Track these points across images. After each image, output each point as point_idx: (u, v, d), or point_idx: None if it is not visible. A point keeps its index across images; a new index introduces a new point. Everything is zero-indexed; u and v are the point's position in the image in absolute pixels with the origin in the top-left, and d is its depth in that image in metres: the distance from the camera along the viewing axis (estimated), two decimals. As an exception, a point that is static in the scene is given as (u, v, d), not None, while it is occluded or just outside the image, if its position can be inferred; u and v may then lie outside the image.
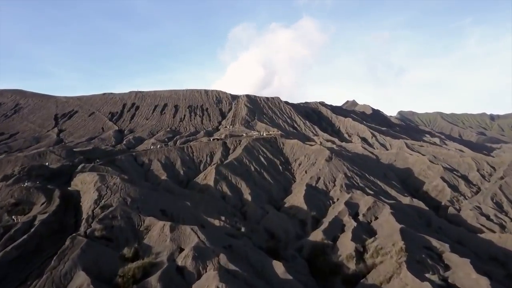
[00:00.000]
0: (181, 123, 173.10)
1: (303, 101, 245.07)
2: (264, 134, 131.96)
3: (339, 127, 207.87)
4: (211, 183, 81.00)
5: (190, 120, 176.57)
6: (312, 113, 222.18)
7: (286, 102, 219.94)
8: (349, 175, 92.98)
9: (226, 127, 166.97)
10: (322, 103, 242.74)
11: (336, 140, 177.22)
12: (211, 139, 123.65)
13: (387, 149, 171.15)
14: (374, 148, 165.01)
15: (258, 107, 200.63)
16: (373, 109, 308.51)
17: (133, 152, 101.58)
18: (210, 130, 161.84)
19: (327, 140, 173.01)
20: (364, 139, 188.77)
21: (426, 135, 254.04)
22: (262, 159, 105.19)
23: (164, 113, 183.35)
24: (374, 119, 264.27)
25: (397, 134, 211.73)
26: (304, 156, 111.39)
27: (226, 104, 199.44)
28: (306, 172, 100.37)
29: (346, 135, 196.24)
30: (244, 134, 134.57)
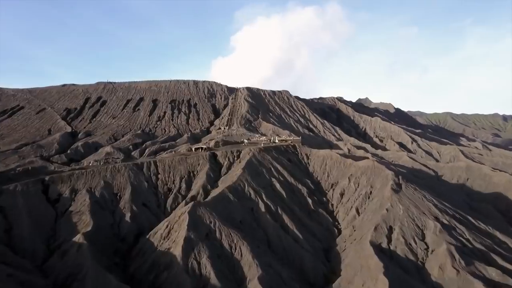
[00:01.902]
0: (159, 123, 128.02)
1: (314, 97, 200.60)
2: (277, 141, 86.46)
3: (365, 129, 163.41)
4: (178, 252, 37.06)
5: (172, 119, 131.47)
6: (329, 111, 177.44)
7: (297, 97, 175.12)
8: (445, 220, 48.60)
9: (220, 128, 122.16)
10: (341, 99, 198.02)
11: (367, 146, 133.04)
12: (193, 149, 78.50)
13: (435, 159, 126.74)
14: (419, 157, 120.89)
15: (262, 103, 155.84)
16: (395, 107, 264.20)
17: (44, 177, 56.09)
18: (197, 133, 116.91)
19: (356, 147, 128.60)
20: (401, 145, 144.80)
21: (462, 138, 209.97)
22: (278, 186, 60.50)
23: (138, 109, 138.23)
24: (400, 119, 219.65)
25: (435, 137, 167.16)
26: (348, 178, 66.90)
27: (221, 98, 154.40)
28: (358, 211, 55.91)
29: (376, 139, 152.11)
30: (245, 141, 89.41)
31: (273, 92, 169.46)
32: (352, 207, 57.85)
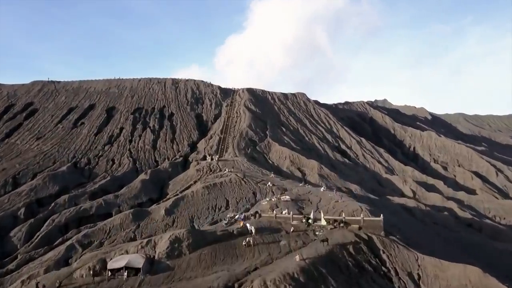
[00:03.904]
0: (108, 147, 79.55)
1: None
2: (328, 227, 35.52)
3: (414, 148, 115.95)
4: None
5: (131, 141, 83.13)
6: (361, 120, 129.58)
7: (317, 102, 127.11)
8: None
9: (207, 157, 73.81)
10: (373, 104, 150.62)
11: (438, 184, 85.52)
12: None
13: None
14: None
15: (270, 112, 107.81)
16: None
17: None
18: (164, 169, 68.61)
19: (422, 184, 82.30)
20: (478, 175, 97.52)
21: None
22: None
23: (82, 124, 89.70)
24: (439, 128, 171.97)
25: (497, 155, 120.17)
26: None
27: (210, 105, 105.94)
28: None
29: (434, 165, 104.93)
30: (257, 215, 39.54)
31: (285, 95, 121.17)
32: None
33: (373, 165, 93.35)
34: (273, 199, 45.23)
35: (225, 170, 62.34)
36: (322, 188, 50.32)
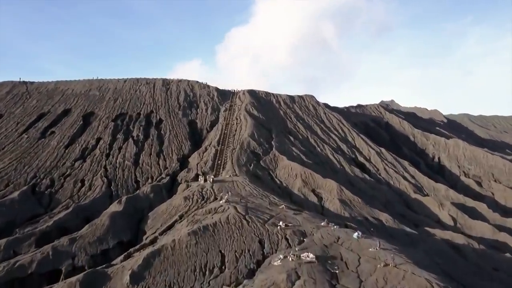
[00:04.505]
0: (80, 164, 65.00)
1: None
2: None
3: (439, 158, 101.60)
4: None
5: (108, 155, 68.61)
6: (376, 126, 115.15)
7: (326, 105, 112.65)
8: None
9: (199, 177, 59.33)
10: (387, 107, 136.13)
11: (481, 207, 71.10)
12: None
13: None
14: None
15: (275, 117, 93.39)
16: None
17: None
18: (144, 194, 54.00)
19: (461, 208, 68.40)
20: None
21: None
22: None
23: (52, 133, 75.26)
24: (458, 132, 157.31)
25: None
26: None
27: (206, 110, 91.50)
28: None
29: (465, 179, 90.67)
30: None
31: (291, 98, 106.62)
32: None
33: (398, 182, 78.81)
34: (289, 257, 30.77)
35: (221, 197, 47.89)
36: (356, 234, 35.79)
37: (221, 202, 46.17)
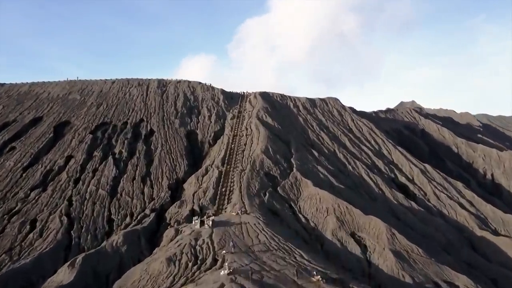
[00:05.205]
0: (37, 194, 48.62)
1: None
2: None
3: (492, 175, 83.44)
4: None
5: (78, 180, 52.08)
6: (411, 134, 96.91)
7: (354, 110, 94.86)
8: None
9: (194, 219, 42.48)
10: (421, 112, 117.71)
11: None
12: None
13: None
14: None
15: (293, 125, 76.12)
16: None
17: None
18: (113, 248, 37.35)
19: None
20: None
21: None
22: None
23: (12, 149, 59.18)
24: (499, 139, 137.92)
25: None
26: None
27: (209, 118, 74.65)
28: None
29: (532, 203, 72.49)
30: None
31: (312, 102, 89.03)
32: None
33: (454, 211, 60.73)
34: None
35: (222, 259, 31.11)
36: None
37: (221, 273, 29.24)
